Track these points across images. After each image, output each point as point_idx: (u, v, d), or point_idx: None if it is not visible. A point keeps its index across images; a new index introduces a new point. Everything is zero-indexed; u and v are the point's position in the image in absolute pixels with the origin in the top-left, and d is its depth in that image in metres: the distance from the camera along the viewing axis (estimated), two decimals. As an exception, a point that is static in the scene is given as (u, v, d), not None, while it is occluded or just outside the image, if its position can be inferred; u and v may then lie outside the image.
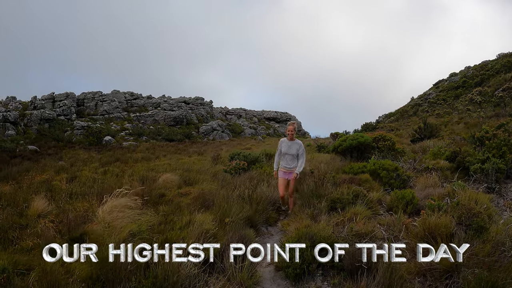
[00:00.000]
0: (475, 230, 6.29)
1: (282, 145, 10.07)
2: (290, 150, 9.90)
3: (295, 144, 9.94)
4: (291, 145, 9.93)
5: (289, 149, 9.91)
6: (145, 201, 9.08)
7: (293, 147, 9.92)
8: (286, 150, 9.93)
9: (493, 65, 58.68)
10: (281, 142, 10.16)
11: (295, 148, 9.90)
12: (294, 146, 9.92)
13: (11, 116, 47.43)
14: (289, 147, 9.92)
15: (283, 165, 10.04)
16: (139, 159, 25.68)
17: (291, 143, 9.95)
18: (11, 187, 12.80)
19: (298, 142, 9.99)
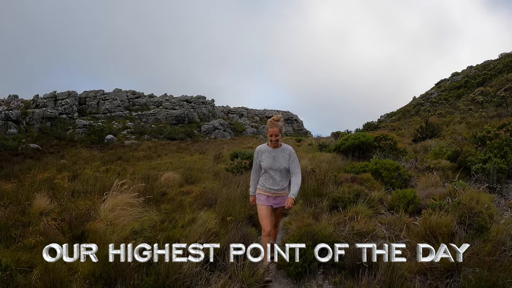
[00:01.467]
0: (476, 229, 6.30)
1: (262, 156, 6.36)
2: (276, 164, 6.27)
3: (282, 153, 6.31)
4: (276, 156, 6.28)
5: (274, 161, 6.27)
6: (147, 199, 9.10)
7: (280, 158, 6.29)
8: (269, 164, 6.28)
9: (495, 65, 58.67)
10: (259, 151, 6.43)
11: (283, 159, 6.30)
12: (282, 156, 6.30)
13: (13, 115, 47.53)
14: (274, 158, 6.28)
15: (267, 186, 6.35)
16: (141, 157, 25.72)
17: (277, 152, 6.29)
18: (13, 185, 12.84)
19: (287, 149, 6.37)
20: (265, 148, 6.28)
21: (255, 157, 6.37)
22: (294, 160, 6.26)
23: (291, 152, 6.29)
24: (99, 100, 64.58)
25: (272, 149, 6.20)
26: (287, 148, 6.31)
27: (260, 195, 6.34)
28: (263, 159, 6.27)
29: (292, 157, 6.26)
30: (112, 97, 65.59)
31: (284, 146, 6.31)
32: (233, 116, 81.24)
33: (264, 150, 6.28)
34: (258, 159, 6.35)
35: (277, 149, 6.21)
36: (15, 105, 54.63)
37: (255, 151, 6.41)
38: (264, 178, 6.32)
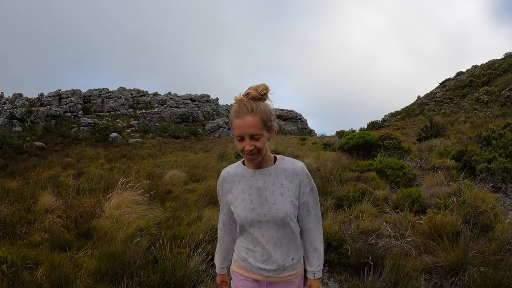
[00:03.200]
0: (481, 228, 6.30)
1: (233, 191, 2.57)
2: (265, 209, 2.47)
3: (279, 177, 2.51)
4: (265, 186, 2.50)
5: (260, 203, 2.48)
6: (152, 197, 9.11)
7: (274, 190, 2.49)
8: (249, 213, 2.49)
9: (500, 64, 58.47)
10: (225, 181, 2.64)
11: (284, 195, 2.48)
12: (279, 185, 2.50)
13: (18, 113, 47.63)
14: (258, 194, 2.49)
15: (252, 262, 2.58)
16: (145, 155, 25.74)
17: (266, 177, 2.51)
18: (18, 182, 12.88)
19: (290, 169, 2.53)
20: (237, 172, 2.61)
21: (219, 193, 2.74)
22: (310, 194, 2.57)
23: (303, 175, 2.54)
24: (104, 99, 64.70)
25: (253, 172, 2.54)
26: (292, 166, 2.55)
27: (237, 276, 2.70)
28: (234, 199, 2.57)
29: (306, 186, 2.54)
30: (116, 96, 65.70)
31: (285, 161, 2.58)
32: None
33: (236, 175, 2.60)
34: (225, 198, 2.66)
35: (266, 170, 2.52)
36: (20, 104, 54.75)
37: (218, 184, 2.73)
38: (243, 243, 2.63)
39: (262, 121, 2.34)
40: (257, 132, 2.32)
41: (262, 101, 2.38)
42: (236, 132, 2.37)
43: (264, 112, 2.35)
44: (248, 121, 2.30)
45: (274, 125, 2.47)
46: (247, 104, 2.32)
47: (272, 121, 2.43)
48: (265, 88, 2.39)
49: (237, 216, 2.53)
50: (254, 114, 2.31)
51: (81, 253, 6.01)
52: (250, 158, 2.40)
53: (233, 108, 2.39)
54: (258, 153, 2.39)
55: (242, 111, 2.32)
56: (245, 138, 2.34)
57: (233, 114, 2.38)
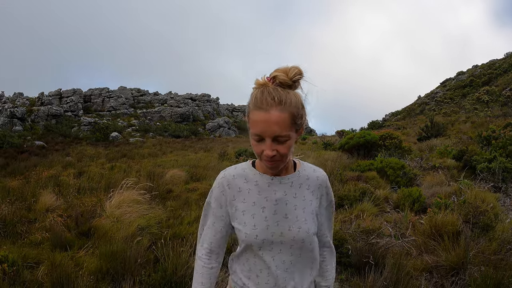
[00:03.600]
0: (481, 228, 6.31)
1: (238, 203, 1.93)
2: (285, 227, 1.90)
3: (301, 189, 1.97)
4: (286, 198, 1.92)
5: (278, 221, 1.90)
6: (153, 196, 9.12)
7: (297, 204, 1.94)
8: (263, 232, 1.88)
9: (500, 64, 58.51)
10: (227, 185, 1.95)
11: (305, 209, 1.95)
12: (300, 198, 1.95)
13: (19, 112, 47.67)
14: (275, 209, 1.90)
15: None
16: (146, 155, 25.78)
17: (285, 188, 1.93)
18: (19, 182, 12.89)
19: (313, 179, 2.02)
20: (246, 176, 1.96)
21: (211, 202, 2.02)
22: (329, 207, 2.16)
23: (326, 187, 2.10)
24: (104, 98, 64.71)
25: (271, 180, 1.94)
26: (315, 174, 2.06)
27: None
28: (240, 213, 1.94)
29: (327, 200, 2.12)
30: (117, 95, 65.71)
31: (306, 168, 2.06)
32: (237, 114, 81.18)
33: (245, 181, 1.96)
34: (223, 210, 1.99)
35: (288, 179, 1.96)
36: (20, 103, 54.81)
37: (215, 185, 2.02)
38: (243, 266, 2.02)
39: (292, 117, 1.71)
40: (283, 132, 1.69)
41: (293, 90, 1.75)
42: (254, 129, 1.73)
43: (295, 105, 1.72)
44: (274, 116, 1.67)
45: (304, 123, 1.83)
46: (274, 93, 1.68)
47: (303, 118, 1.81)
48: (298, 72, 1.73)
49: (244, 235, 1.88)
50: (283, 107, 1.67)
51: (82, 252, 6.02)
52: (270, 165, 1.81)
53: (253, 96, 1.74)
54: (280, 160, 1.79)
55: (267, 101, 1.67)
56: (266, 140, 1.71)
57: (253, 104, 1.73)
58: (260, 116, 1.69)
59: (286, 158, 1.81)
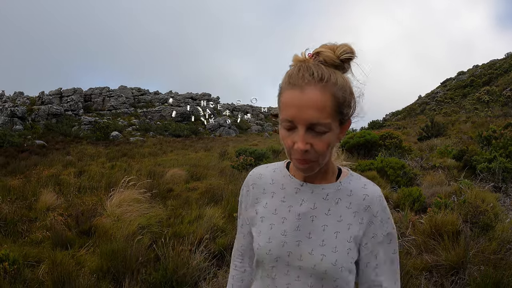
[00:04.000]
0: (481, 228, 6.32)
1: (260, 206, 1.60)
2: (304, 250, 1.46)
3: (337, 206, 1.49)
4: (315, 213, 1.49)
5: (300, 237, 1.47)
6: (154, 195, 9.14)
7: (327, 223, 1.47)
8: (278, 248, 1.48)
9: (501, 64, 58.51)
10: (253, 186, 1.66)
11: (338, 233, 1.45)
12: (334, 217, 1.48)
13: (19, 111, 47.63)
14: (300, 221, 1.49)
15: None
16: (146, 154, 25.75)
17: (316, 199, 1.50)
18: (19, 181, 12.90)
19: (357, 194, 1.50)
20: (274, 177, 1.63)
21: (241, 203, 1.75)
22: (383, 242, 1.48)
23: (378, 209, 1.49)
24: (105, 97, 64.66)
25: (301, 185, 1.54)
26: (364, 190, 1.52)
27: None
28: (259, 219, 1.59)
29: (379, 228, 1.48)
30: (117, 94, 65.65)
31: (353, 180, 1.56)
32: (238, 114, 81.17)
33: (272, 182, 1.62)
34: (247, 212, 1.69)
35: (322, 189, 1.52)
36: (20, 102, 54.79)
37: (243, 183, 1.74)
38: (258, 283, 1.61)
39: (336, 102, 1.31)
40: (321, 120, 1.28)
41: (340, 71, 1.36)
42: (285, 113, 1.33)
43: (341, 87, 1.32)
44: (311, 95, 1.27)
45: (352, 115, 1.44)
46: (314, 68, 1.30)
47: (352, 107, 1.40)
48: (348, 49, 1.34)
49: (257, 246, 1.54)
50: (324, 86, 1.28)
51: (83, 250, 6.05)
52: (301, 166, 1.38)
53: (287, 74, 1.37)
54: (316, 160, 1.37)
55: (303, 77, 1.29)
56: (299, 128, 1.31)
57: (286, 82, 1.35)
58: (294, 95, 1.30)
59: (323, 158, 1.38)
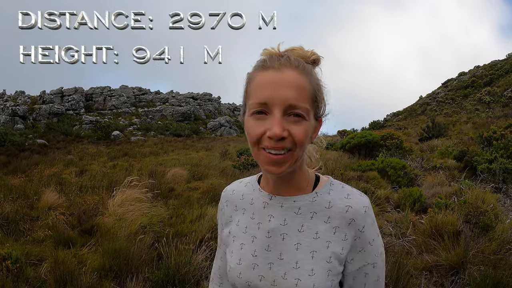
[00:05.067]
0: (481, 228, 6.34)
1: (232, 225, 1.46)
2: (278, 271, 1.29)
3: (317, 218, 1.30)
4: (288, 231, 1.31)
5: (271, 259, 1.31)
6: (155, 195, 9.16)
7: (300, 243, 1.29)
8: (253, 271, 1.33)
9: (502, 65, 58.43)
10: (227, 203, 1.52)
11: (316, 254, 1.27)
12: (308, 232, 1.29)
13: (20, 110, 47.67)
14: (270, 240, 1.33)
15: None
16: (147, 154, 25.79)
17: (290, 212, 1.32)
18: (21, 180, 12.93)
19: (340, 203, 1.30)
20: (245, 192, 1.47)
21: (219, 222, 1.59)
22: (371, 264, 1.31)
23: (364, 224, 1.29)
24: (106, 97, 64.65)
25: (269, 199, 1.37)
26: (347, 202, 1.31)
27: None
28: (231, 239, 1.44)
29: (365, 246, 1.29)
30: (118, 94, 65.64)
31: (334, 189, 1.36)
32: (239, 113, 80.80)
33: (243, 198, 1.47)
34: (223, 232, 1.53)
35: (293, 202, 1.33)
36: (22, 101, 54.80)
37: (219, 202, 1.59)
38: None
39: (312, 87, 1.22)
40: (300, 102, 1.16)
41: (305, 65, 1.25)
42: (256, 97, 1.19)
43: (315, 78, 1.26)
44: (288, 74, 1.17)
45: (323, 113, 1.31)
46: (288, 55, 1.23)
47: (324, 101, 1.30)
48: (315, 54, 1.30)
49: (228, 268, 1.41)
50: (301, 70, 1.20)
51: (85, 249, 6.06)
52: (273, 158, 1.18)
53: (259, 60, 1.27)
54: (291, 153, 1.19)
55: (279, 61, 1.20)
56: (274, 112, 1.16)
57: (258, 66, 1.25)
58: (268, 75, 1.18)
59: (300, 150, 1.21)
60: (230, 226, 1.45)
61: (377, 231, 1.33)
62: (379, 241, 1.32)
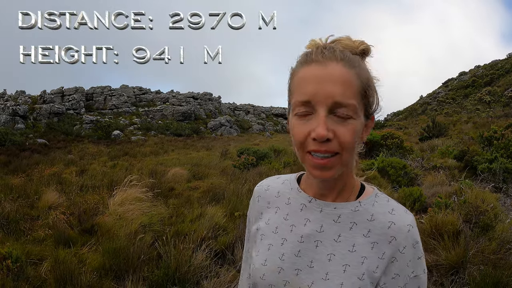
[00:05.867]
0: (481, 228, 6.34)
1: (262, 222, 1.38)
2: (305, 279, 1.20)
3: (357, 229, 1.20)
4: (324, 239, 1.22)
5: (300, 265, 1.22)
6: (155, 194, 9.16)
7: (334, 254, 1.20)
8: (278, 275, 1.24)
9: (503, 65, 58.42)
10: (260, 198, 1.43)
11: (348, 268, 1.17)
12: (348, 246, 1.19)
13: (21, 110, 47.67)
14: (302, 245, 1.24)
15: None
16: (147, 153, 25.79)
17: (329, 219, 1.23)
18: (21, 179, 12.94)
19: (383, 218, 1.21)
20: (282, 190, 1.38)
21: (248, 218, 1.50)
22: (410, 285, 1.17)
23: (405, 244, 1.17)
24: (106, 96, 64.64)
25: (309, 201, 1.28)
26: (390, 218, 1.21)
27: None
28: (259, 236, 1.36)
29: (405, 267, 1.17)
30: (119, 93, 65.63)
31: (379, 202, 1.27)
32: (239, 113, 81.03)
33: (278, 195, 1.38)
34: (251, 229, 1.45)
35: (334, 208, 1.24)
36: (22, 101, 54.80)
37: (252, 197, 1.49)
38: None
39: (360, 82, 1.13)
40: (346, 99, 1.08)
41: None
42: (299, 94, 1.13)
43: (364, 70, 1.17)
44: (333, 69, 1.10)
45: (375, 109, 1.23)
46: (334, 48, 1.14)
47: (376, 95, 1.21)
48: (365, 42, 1.21)
49: (252, 267, 1.33)
50: (347, 63, 1.11)
51: (85, 249, 6.07)
52: (319, 162, 1.11)
53: (303, 53, 1.20)
54: (339, 153, 1.11)
55: (323, 54, 1.12)
56: (318, 110, 1.09)
57: (301, 61, 1.17)
58: (312, 70, 1.11)
59: (348, 154, 1.13)
60: (259, 222, 1.38)
61: (420, 253, 1.20)
62: (418, 264, 1.19)
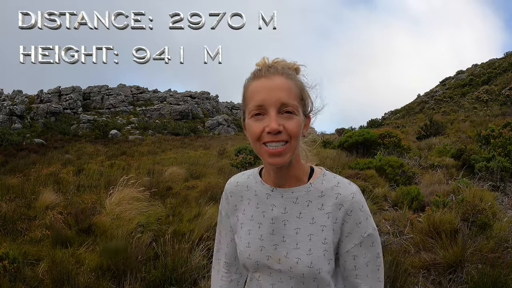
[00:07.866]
0: (479, 226, 6.34)
1: (239, 214, 1.70)
2: (281, 251, 1.55)
3: (311, 208, 1.54)
4: (288, 218, 1.56)
5: (275, 241, 1.58)
6: (153, 194, 9.15)
7: (299, 226, 1.54)
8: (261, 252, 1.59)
9: (500, 64, 58.46)
10: (231, 195, 1.75)
11: (313, 237, 1.52)
12: (307, 220, 1.54)
13: (18, 110, 47.68)
14: (273, 226, 1.58)
15: None
16: (145, 152, 25.75)
17: (289, 202, 1.57)
18: (18, 179, 12.90)
19: (331, 191, 1.53)
20: (249, 184, 1.71)
21: (221, 213, 1.84)
22: (362, 244, 1.53)
23: (352, 208, 1.51)
24: (103, 95, 64.59)
25: (271, 191, 1.62)
26: (336, 189, 1.54)
27: None
28: (239, 226, 1.70)
29: (354, 227, 1.52)
30: (116, 92, 65.60)
31: (326, 179, 1.58)
32: (237, 112, 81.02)
33: (247, 190, 1.71)
34: (229, 221, 1.78)
35: (292, 192, 1.58)
36: (19, 100, 54.76)
37: (223, 195, 1.82)
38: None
39: (297, 89, 1.49)
40: (290, 100, 1.43)
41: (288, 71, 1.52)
42: (253, 101, 1.46)
43: (299, 81, 1.53)
44: (278, 81, 1.44)
45: (311, 110, 1.59)
46: (276, 66, 1.51)
47: (309, 100, 1.57)
48: (296, 64, 1.58)
49: (239, 252, 1.65)
50: (287, 76, 1.47)
51: (83, 249, 6.05)
52: (273, 151, 1.41)
53: (253, 72, 1.55)
54: (289, 144, 1.42)
55: (269, 70, 1.48)
56: (269, 111, 1.42)
57: (252, 77, 1.52)
58: (262, 83, 1.46)
59: (295, 142, 1.44)
60: (237, 214, 1.72)
61: (366, 215, 1.54)
62: (367, 224, 1.54)
